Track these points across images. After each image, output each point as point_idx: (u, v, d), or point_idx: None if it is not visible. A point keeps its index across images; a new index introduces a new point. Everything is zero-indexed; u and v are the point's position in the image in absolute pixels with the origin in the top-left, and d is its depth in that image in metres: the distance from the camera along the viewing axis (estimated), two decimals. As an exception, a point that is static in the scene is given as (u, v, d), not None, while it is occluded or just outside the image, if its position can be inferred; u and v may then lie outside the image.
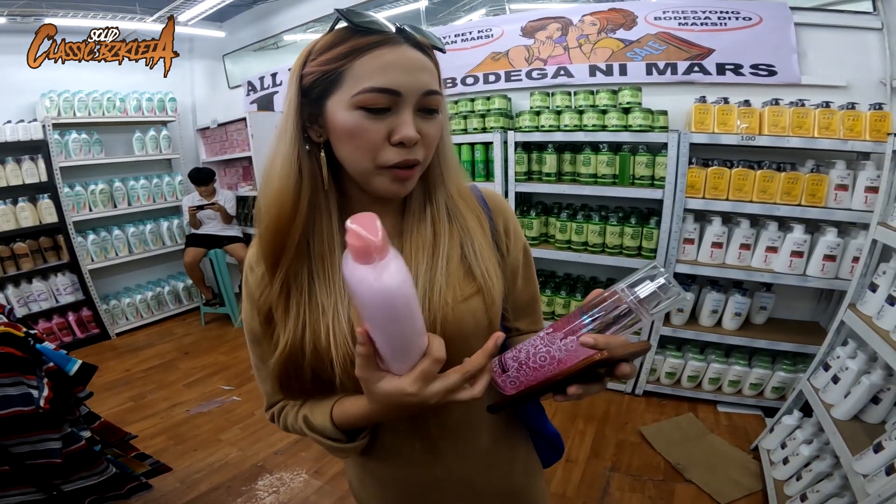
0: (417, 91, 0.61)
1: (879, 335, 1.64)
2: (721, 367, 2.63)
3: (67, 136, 3.83)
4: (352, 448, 0.73)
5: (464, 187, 0.77)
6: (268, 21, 4.31)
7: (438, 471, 0.79)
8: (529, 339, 0.64)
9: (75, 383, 1.59)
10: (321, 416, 0.71)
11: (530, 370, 0.62)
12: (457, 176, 0.75)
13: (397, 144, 0.62)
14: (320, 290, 0.67)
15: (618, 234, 2.68)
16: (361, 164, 0.64)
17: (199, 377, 3.37)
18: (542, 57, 3.11)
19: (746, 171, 2.36)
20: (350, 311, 0.67)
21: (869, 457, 1.51)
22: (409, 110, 0.61)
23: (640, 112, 2.55)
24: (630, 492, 2.11)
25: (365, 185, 0.67)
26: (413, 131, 0.61)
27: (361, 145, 0.62)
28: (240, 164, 4.49)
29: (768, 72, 2.54)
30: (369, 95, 0.60)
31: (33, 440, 1.48)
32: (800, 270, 2.33)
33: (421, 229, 0.71)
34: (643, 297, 0.56)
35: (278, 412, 0.79)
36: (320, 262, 0.68)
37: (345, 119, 0.61)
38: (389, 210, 0.74)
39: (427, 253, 0.70)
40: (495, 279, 0.73)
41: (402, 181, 0.65)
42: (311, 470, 2.34)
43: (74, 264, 3.86)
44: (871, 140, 2.15)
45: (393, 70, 0.60)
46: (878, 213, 1.86)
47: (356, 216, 0.50)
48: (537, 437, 0.91)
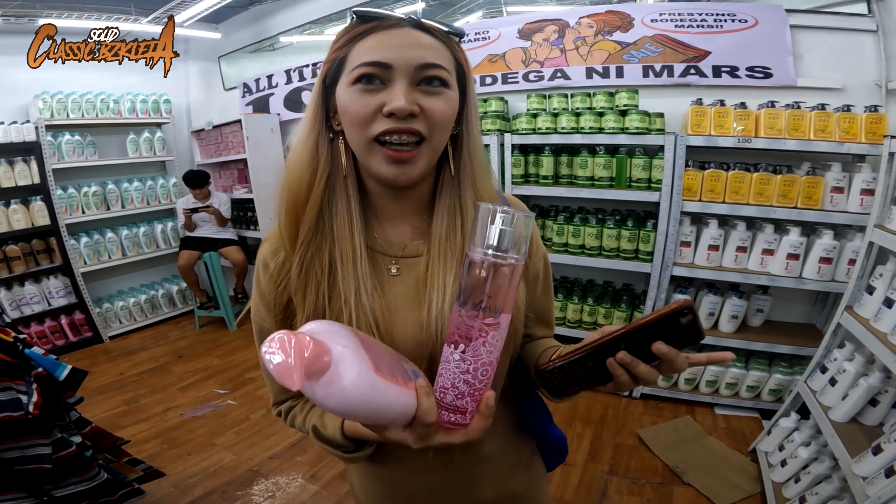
0: (410, 63, 0.62)
1: (877, 337, 1.65)
2: (718, 369, 2.64)
3: (60, 137, 3.80)
4: (359, 457, 0.73)
5: (493, 193, 0.75)
6: (264, 23, 4.29)
7: (445, 476, 0.80)
8: None
9: (65, 388, 1.57)
10: (332, 427, 0.71)
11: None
12: (487, 180, 0.74)
13: (389, 115, 0.62)
14: (343, 277, 0.67)
15: (615, 236, 2.68)
16: (357, 141, 0.65)
17: (193, 381, 3.34)
18: (539, 59, 3.11)
19: (743, 174, 2.36)
20: (375, 302, 0.67)
21: (868, 459, 1.51)
22: (401, 82, 0.62)
23: (637, 114, 2.55)
24: (628, 495, 2.10)
25: (366, 169, 0.68)
26: (403, 101, 0.61)
27: (354, 119, 0.63)
28: (235, 167, 4.47)
29: (764, 74, 2.55)
30: (360, 69, 0.62)
31: (23, 445, 1.46)
32: (796, 273, 2.34)
33: (450, 237, 0.70)
34: (494, 242, 0.52)
35: (286, 411, 0.80)
36: (340, 249, 0.68)
37: (343, 97, 0.64)
38: (413, 208, 0.74)
39: (456, 261, 0.69)
40: (521, 292, 0.73)
41: (397, 163, 0.64)
42: (307, 474, 2.32)
43: (67, 267, 3.82)
44: (866, 142, 2.16)
45: (385, 46, 0.62)
46: (875, 215, 1.87)
47: (273, 338, 0.45)
48: (542, 442, 0.91)
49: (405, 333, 0.69)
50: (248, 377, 3.35)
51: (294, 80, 4.13)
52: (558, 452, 0.94)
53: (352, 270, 0.67)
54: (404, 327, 0.69)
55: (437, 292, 0.67)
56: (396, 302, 0.70)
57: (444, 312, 0.66)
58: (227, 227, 4.20)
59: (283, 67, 4.18)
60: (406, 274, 0.72)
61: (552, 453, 0.93)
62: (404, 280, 0.72)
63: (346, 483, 2.20)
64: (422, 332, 0.67)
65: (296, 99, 4.16)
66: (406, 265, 0.73)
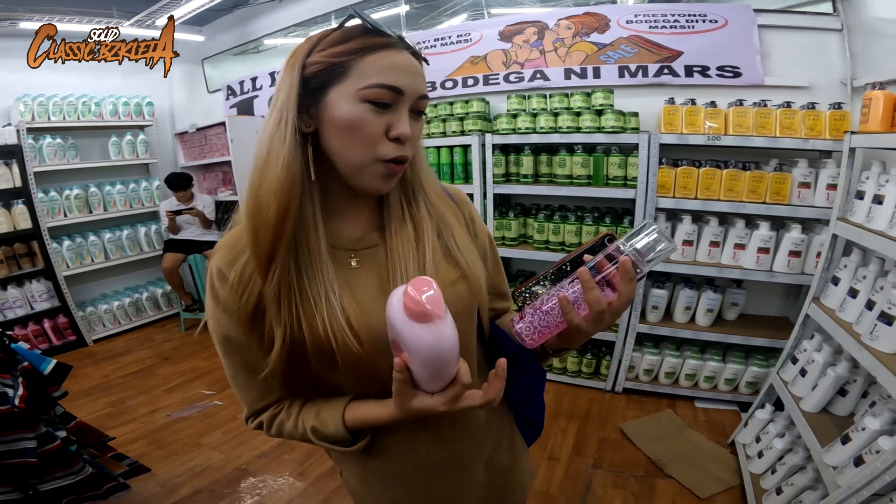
0: (416, 93, 0.67)
1: (842, 327, 1.69)
2: (696, 363, 2.68)
3: (42, 140, 3.78)
4: (356, 448, 0.76)
5: (437, 187, 0.82)
6: (248, 25, 4.30)
7: (439, 453, 0.82)
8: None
9: (50, 383, 1.59)
10: (332, 422, 0.73)
11: (544, 314, 0.70)
12: (431, 176, 0.81)
13: (394, 140, 0.66)
14: (310, 283, 0.68)
15: (594, 233, 2.72)
16: (358, 156, 0.67)
17: (179, 382, 3.34)
18: (520, 61, 3.16)
19: (714, 171, 2.41)
20: (343, 301, 0.69)
21: (837, 448, 1.53)
22: (405, 109, 0.67)
23: (613, 114, 2.60)
24: (612, 488, 2.14)
25: (352, 179, 0.69)
26: (409, 129, 0.66)
27: (363, 138, 0.65)
28: (219, 169, 4.47)
29: (733, 73, 2.62)
30: (378, 90, 0.64)
31: (9, 439, 1.47)
32: (767, 266, 2.39)
33: (403, 226, 0.75)
34: (639, 247, 0.64)
35: (269, 419, 0.78)
36: (307, 255, 0.69)
37: (349, 110, 0.64)
38: (367, 206, 0.78)
39: (412, 246, 0.74)
40: (478, 267, 0.78)
41: (389, 178, 0.69)
42: (294, 472, 2.34)
43: (50, 271, 3.80)
44: (830, 139, 2.22)
45: (399, 71, 0.65)
46: (838, 208, 1.93)
47: (415, 280, 0.56)
48: (519, 417, 0.95)
49: (380, 322, 0.69)
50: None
51: (278, 82, 4.14)
52: (534, 427, 0.97)
53: (319, 274, 0.68)
54: (378, 316, 0.68)
55: (401, 278, 0.71)
56: (363, 293, 0.72)
57: None
58: (212, 229, 4.20)
59: (268, 70, 4.20)
60: (366, 265, 0.75)
61: (528, 428, 0.96)
62: (367, 270, 0.74)
63: (335, 480, 2.24)
64: None
65: (280, 101, 4.16)
66: (364, 256, 0.75)
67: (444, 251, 0.77)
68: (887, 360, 1.43)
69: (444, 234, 0.78)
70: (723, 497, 2.05)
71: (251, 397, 0.78)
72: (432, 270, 0.73)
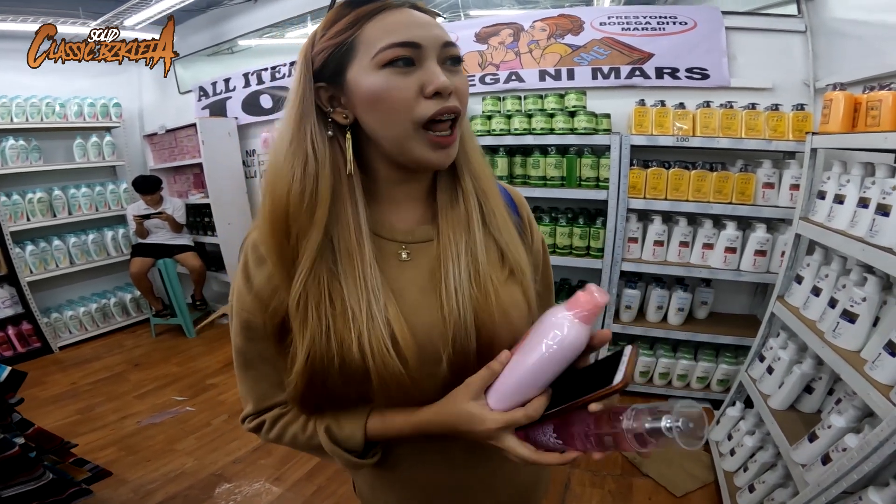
0: (436, 42, 0.61)
1: (806, 325, 1.72)
2: (669, 361, 2.72)
3: (4, 142, 3.66)
4: (367, 463, 0.71)
5: (490, 176, 0.74)
6: (222, 26, 4.22)
7: (466, 473, 0.77)
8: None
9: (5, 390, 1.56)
10: (350, 428, 0.69)
11: (536, 436, 0.64)
12: (482, 160, 0.74)
13: (433, 96, 0.60)
14: (349, 292, 0.62)
15: (567, 234, 2.75)
16: (397, 126, 0.61)
17: (150, 388, 3.26)
18: (495, 62, 3.17)
19: (682, 172, 2.46)
20: (388, 311, 0.62)
21: (805, 446, 1.55)
22: (432, 61, 0.60)
23: (585, 115, 2.63)
24: (590, 487, 2.16)
25: (401, 156, 0.64)
26: (445, 78, 0.60)
27: (395, 104, 0.60)
28: (191, 171, 4.38)
29: (702, 75, 2.67)
30: (390, 51, 0.58)
31: (-34, 446, 1.44)
32: (734, 266, 2.44)
33: (456, 208, 0.70)
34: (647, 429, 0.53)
35: (272, 420, 0.73)
36: (347, 259, 0.63)
37: (372, 82, 0.60)
38: (417, 194, 0.72)
39: (464, 229, 0.68)
40: (525, 265, 0.72)
41: (442, 148, 0.63)
42: (271, 477, 2.31)
43: (13, 276, 3.67)
44: (793, 140, 2.28)
45: (406, 26, 0.60)
46: (800, 208, 1.97)
47: (593, 285, 0.57)
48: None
49: (425, 327, 0.65)
50: (209, 383, 3.29)
51: (252, 83, 4.08)
52: None
53: (361, 284, 0.62)
54: (427, 322, 0.65)
55: (453, 278, 0.65)
56: (411, 293, 0.67)
57: (465, 298, 0.65)
58: (183, 232, 4.11)
59: (242, 71, 4.13)
60: (418, 259, 0.69)
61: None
62: (417, 265, 0.69)
63: (313, 484, 2.23)
64: (445, 320, 0.65)
65: (254, 102, 4.10)
66: (417, 250, 0.70)
67: (494, 242, 0.71)
68: (850, 357, 1.45)
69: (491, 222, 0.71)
70: (698, 495, 2.08)
71: (259, 393, 0.73)
72: (484, 260, 0.67)
